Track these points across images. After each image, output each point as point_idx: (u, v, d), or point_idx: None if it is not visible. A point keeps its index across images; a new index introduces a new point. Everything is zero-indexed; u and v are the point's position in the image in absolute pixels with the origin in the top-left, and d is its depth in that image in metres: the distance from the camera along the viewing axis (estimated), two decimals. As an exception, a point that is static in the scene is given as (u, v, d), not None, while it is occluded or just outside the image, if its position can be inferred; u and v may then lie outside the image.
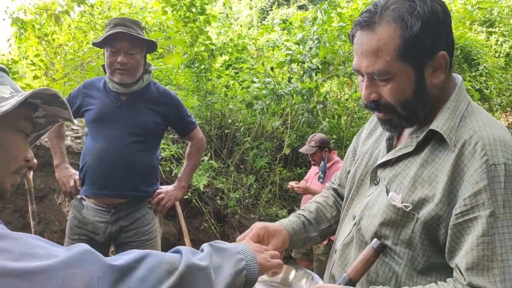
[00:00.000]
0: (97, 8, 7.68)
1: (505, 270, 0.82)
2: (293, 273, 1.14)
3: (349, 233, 1.10)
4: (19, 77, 5.74)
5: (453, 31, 1.02)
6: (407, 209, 0.94)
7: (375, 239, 0.98)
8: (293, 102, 5.35)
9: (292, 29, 6.18)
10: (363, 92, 0.99)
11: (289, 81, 5.41)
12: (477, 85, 6.89)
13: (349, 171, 1.22)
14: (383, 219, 0.98)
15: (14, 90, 0.88)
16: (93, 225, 2.11)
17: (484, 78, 7.33)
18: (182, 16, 4.79)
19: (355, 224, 1.08)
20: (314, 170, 3.75)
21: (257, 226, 1.12)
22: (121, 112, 2.08)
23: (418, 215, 0.93)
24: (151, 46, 2.14)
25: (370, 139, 1.19)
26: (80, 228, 2.13)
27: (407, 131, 1.06)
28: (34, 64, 5.42)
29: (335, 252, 1.14)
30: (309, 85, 5.02)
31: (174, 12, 4.87)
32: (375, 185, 1.07)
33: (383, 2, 0.93)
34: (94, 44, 2.12)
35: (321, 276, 1.15)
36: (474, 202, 0.86)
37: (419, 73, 0.93)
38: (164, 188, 2.26)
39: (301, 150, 3.73)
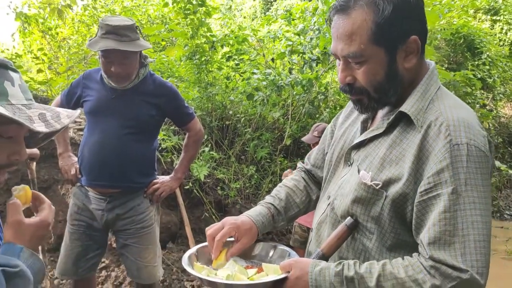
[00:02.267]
0: (100, 1, 7.72)
1: (466, 244, 0.86)
2: (272, 250, 1.20)
3: (324, 212, 1.15)
4: (23, 71, 5.82)
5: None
6: (377, 187, 0.98)
7: (349, 217, 1.03)
8: (294, 93, 5.37)
9: (293, 19, 6.17)
10: (339, 75, 1.03)
11: (290, 72, 5.42)
12: (479, 74, 6.84)
13: (327, 153, 1.27)
14: (354, 196, 1.02)
15: None
16: (91, 212, 2.18)
17: (487, 67, 7.28)
18: (183, 8, 4.82)
19: (329, 203, 1.13)
20: None
21: (229, 224, 1.15)
22: (116, 104, 2.11)
23: (387, 193, 0.97)
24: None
25: (346, 122, 1.24)
26: (79, 215, 2.20)
27: (380, 114, 1.10)
28: (38, 58, 5.48)
29: (312, 231, 1.20)
30: (309, 76, 5.03)
31: (175, 4, 4.90)
32: (349, 166, 1.11)
33: None
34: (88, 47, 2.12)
35: None
36: (437, 180, 0.90)
37: (392, 57, 0.97)
38: (161, 179, 2.29)
39: (303, 139, 3.77)
